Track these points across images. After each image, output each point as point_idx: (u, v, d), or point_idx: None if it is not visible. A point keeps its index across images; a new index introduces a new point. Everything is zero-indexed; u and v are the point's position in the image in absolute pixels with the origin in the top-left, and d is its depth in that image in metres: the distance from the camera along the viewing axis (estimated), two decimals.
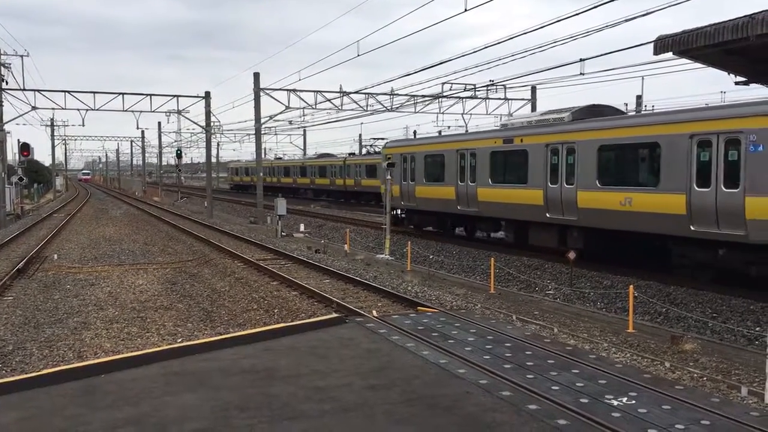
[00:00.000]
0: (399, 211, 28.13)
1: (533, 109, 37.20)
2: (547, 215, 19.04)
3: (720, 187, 13.94)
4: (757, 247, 13.47)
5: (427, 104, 36.80)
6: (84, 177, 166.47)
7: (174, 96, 37.49)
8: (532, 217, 19.84)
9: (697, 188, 14.31)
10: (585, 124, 18.17)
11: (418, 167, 25.87)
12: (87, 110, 35.69)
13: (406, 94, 35.69)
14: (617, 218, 16.53)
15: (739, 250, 13.95)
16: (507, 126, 22.42)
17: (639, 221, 15.86)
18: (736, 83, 14.48)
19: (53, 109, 65.32)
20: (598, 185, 17.25)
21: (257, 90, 34.81)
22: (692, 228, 14.26)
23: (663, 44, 11.64)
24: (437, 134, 32.03)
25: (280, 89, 34.65)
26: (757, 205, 13.26)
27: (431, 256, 21.22)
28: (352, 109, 36.57)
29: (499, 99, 36.37)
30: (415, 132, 53.30)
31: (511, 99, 36.68)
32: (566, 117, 19.47)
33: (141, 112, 37.68)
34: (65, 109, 36.02)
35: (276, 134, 68.74)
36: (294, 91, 34.36)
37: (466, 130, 33.10)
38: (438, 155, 24.80)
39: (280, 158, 77.93)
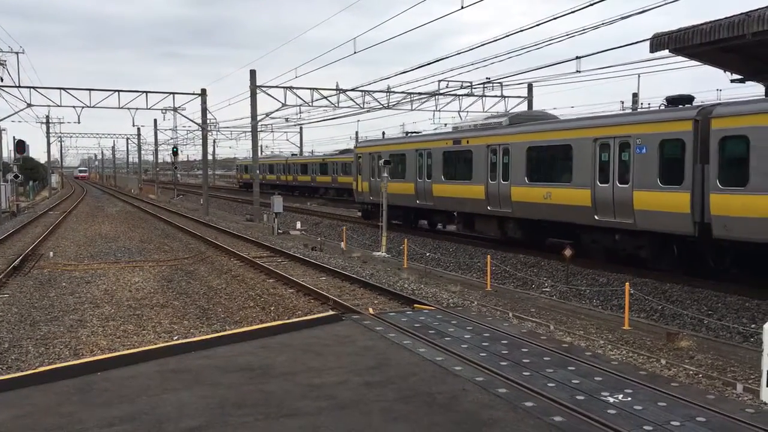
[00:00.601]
0: (371, 206, 30.06)
1: (530, 106, 37.26)
2: (488, 208, 21.91)
3: (615, 182, 16.67)
4: (642, 233, 16.10)
5: (424, 102, 36.81)
6: (81, 174, 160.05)
7: (170, 93, 37.46)
8: (476, 209, 22.84)
9: (599, 184, 17.03)
10: (518, 128, 20.98)
11: (378, 166, 27.28)
12: (83, 107, 35.65)
13: (402, 92, 35.69)
14: (542, 210, 19.41)
15: (629, 235, 16.68)
16: (457, 128, 25.46)
17: (558, 212, 18.66)
18: (732, 81, 14.53)
19: (49, 106, 65.09)
20: (527, 181, 20.01)
21: (253, 87, 34.76)
22: (596, 218, 17.05)
23: (659, 42, 11.67)
24: (403, 135, 33.83)
25: (276, 86, 34.61)
26: (641, 198, 15.91)
27: (428, 254, 21.22)
28: (348, 107, 36.57)
29: (496, 96, 36.38)
30: (383, 133, 54.38)
31: (508, 96, 36.70)
32: (504, 121, 22.17)
33: (137, 109, 37.64)
34: (61, 106, 35.91)
35: (272, 132, 68.63)
36: (290, 88, 34.31)
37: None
38: (401, 154, 27.47)
39: (295, 154, 74.77)
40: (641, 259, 16.60)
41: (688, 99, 16.17)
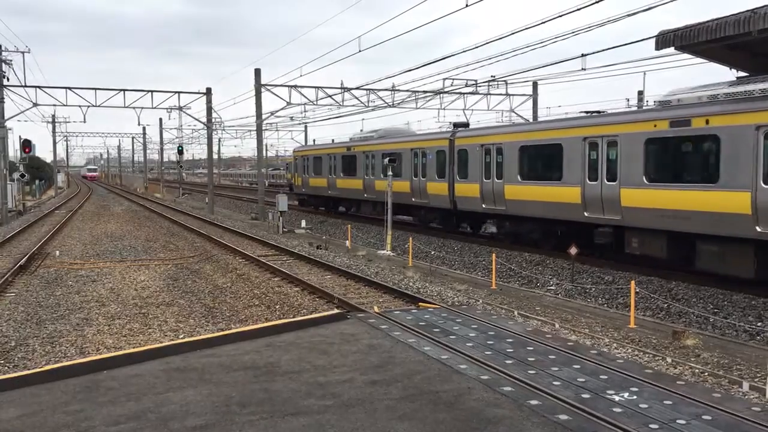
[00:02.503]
0: (304, 196, 40.97)
1: (534, 104, 37.29)
2: (365, 195, 31.23)
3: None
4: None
5: (429, 100, 36.76)
6: (90, 174, 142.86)
7: (175, 92, 37.53)
8: (359, 197, 32.02)
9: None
10: (378, 140, 31.06)
11: (332, 165, 35.34)
12: (88, 107, 35.72)
13: (407, 90, 35.66)
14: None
15: (428, 210, 22.11)
16: (351, 139, 35.26)
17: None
18: (738, 78, 14.46)
19: (54, 105, 65.18)
20: (382, 177, 27.59)
21: (258, 86, 34.78)
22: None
23: (665, 39, 11.63)
24: (330, 142, 42.04)
25: (281, 85, 34.64)
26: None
27: (433, 252, 21.22)
28: (353, 105, 36.52)
29: (501, 94, 36.33)
30: (314, 140, 58.22)
31: (513, 94, 36.64)
32: (375, 135, 32.15)
33: (142, 108, 37.68)
34: (66, 105, 35.98)
35: (277, 130, 68.52)
36: (295, 87, 34.33)
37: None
38: (320, 157, 36.99)
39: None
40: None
41: (465, 124, 26.38)
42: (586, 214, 17.57)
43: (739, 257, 13.59)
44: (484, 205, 22.07)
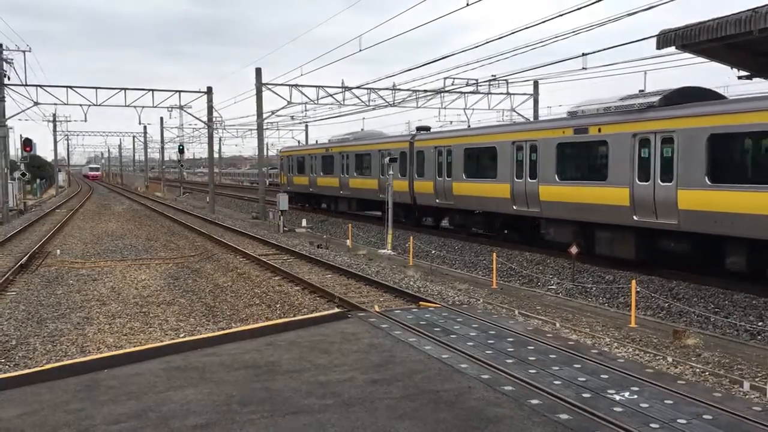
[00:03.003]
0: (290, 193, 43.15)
1: (535, 104, 37.33)
2: (341, 192, 34.07)
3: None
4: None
5: (429, 99, 36.74)
6: (92, 173, 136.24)
7: (176, 91, 37.52)
8: (335, 194, 34.92)
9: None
10: (339, 144, 35.33)
11: (313, 165, 38.09)
12: (89, 106, 35.74)
13: (408, 89, 35.63)
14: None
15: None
16: (329, 141, 38.57)
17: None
18: (740, 77, 14.45)
19: (55, 104, 65.16)
20: (355, 175, 31.63)
21: (259, 85, 34.78)
22: (634, 218, 16.30)
23: (666, 38, 11.62)
24: (315, 143, 46.05)
25: (282, 84, 34.62)
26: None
27: (433, 251, 21.22)
28: (353, 104, 36.50)
29: (502, 94, 36.31)
30: (298, 141, 61.87)
31: (514, 94, 36.63)
32: (351, 137, 35.65)
33: (143, 107, 37.67)
34: (67, 104, 35.94)
35: (278, 129, 68.50)
36: (296, 86, 34.32)
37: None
38: (303, 157, 39.81)
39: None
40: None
41: (427, 128, 28.81)
42: (514, 207, 20.49)
43: (623, 242, 16.74)
44: (437, 200, 25.06)
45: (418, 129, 29.11)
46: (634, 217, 15.95)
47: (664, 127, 15.27)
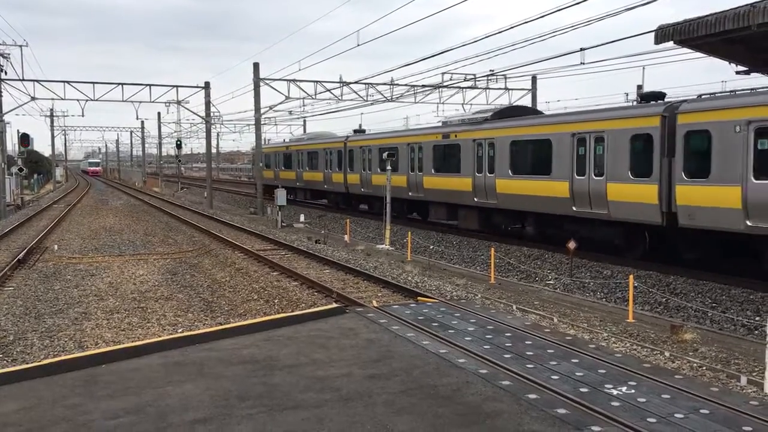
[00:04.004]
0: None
1: (533, 98, 37.28)
2: (297, 184, 40.06)
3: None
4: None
5: (428, 94, 36.72)
6: (92, 168, 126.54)
7: (173, 86, 37.41)
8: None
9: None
10: (298, 143, 41.58)
11: (277, 161, 44.41)
12: (86, 101, 35.64)
13: (406, 84, 35.60)
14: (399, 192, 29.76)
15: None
16: (300, 140, 43.52)
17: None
18: (737, 73, 14.44)
19: (53, 99, 65.25)
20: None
21: (257, 80, 34.72)
22: (475, 199, 22.60)
23: (663, 33, 11.59)
24: (282, 141, 50.54)
25: (279, 79, 34.58)
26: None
27: (431, 247, 21.23)
28: (351, 100, 36.51)
29: (500, 89, 36.29)
30: (284, 139, 62.27)
31: (512, 89, 36.60)
32: (305, 137, 42.05)
33: (140, 102, 37.67)
34: (65, 99, 35.94)
35: (276, 124, 68.44)
36: (294, 81, 34.28)
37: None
38: (268, 155, 45.37)
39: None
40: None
41: (362, 131, 33.14)
42: (410, 194, 26.95)
43: (470, 217, 23.48)
44: (362, 189, 31.26)
45: (355, 131, 35.48)
46: (475, 199, 22.59)
47: (489, 136, 21.88)
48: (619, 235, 17.63)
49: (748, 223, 13.46)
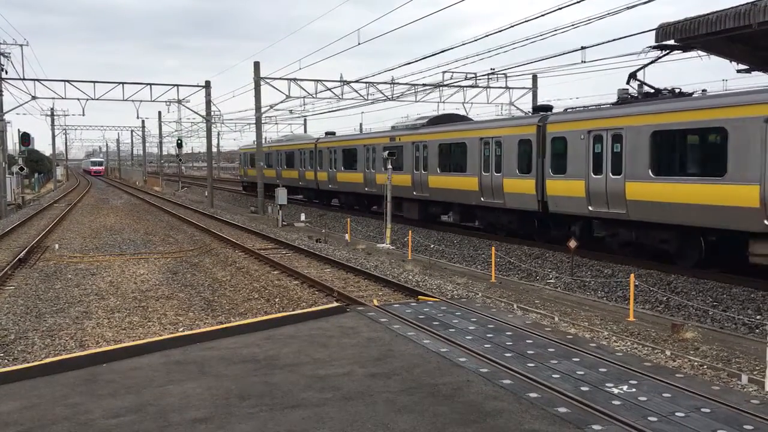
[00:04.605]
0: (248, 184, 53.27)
1: (534, 97, 37.27)
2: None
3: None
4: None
5: (428, 93, 36.67)
6: (95, 168, 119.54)
7: (174, 85, 37.39)
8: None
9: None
10: (285, 143, 45.34)
11: (247, 159, 49.88)
12: (87, 100, 35.60)
13: (406, 83, 35.57)
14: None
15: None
16: (282, 140, 48.26)
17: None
18: (738, 71, 14.44)
19: (53, 98, 65.25)
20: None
21: (257, 79, 34.71)
22: (414, 193, 26.80)
23: (664, 32, 11.59)
24: (278, 140, 52.94)
25: (280, 78, 34.55)
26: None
27: (432, 246, 21.23)
28: (352, 98, 36.47)
29: (501, 87, 36.25)
30: (275, 138, 64.39)
31: (512, 87, 36.57)
32: (285, 139, 46.88)
33: (141, 101, 37.63)
34: (65, 98, 35.93)
35: (276, 123, 68.38)
36: (294, 80, 34.25)
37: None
38: (252, 155, 46.69)
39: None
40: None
41: (332, 133, 35.74)
42: (366, 189, 30.91)
43: (411, 208, 27.42)
44: (330, 186, 35.69)
45: (326, 134, 39.54)
46: (414, 193, 26.56)
47: (424, 139, 26.03)
48: (515, 220, 21.56)
49: (590, 208, 17.66)
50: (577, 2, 16.96)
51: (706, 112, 14.47)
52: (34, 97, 35.05)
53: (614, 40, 23.09)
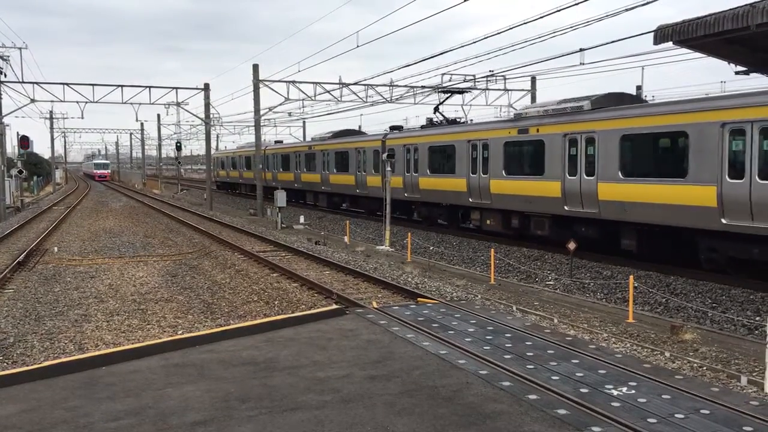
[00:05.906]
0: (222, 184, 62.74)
1: (533, 99, 37.27)
2: (295, 185, 41.76)
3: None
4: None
5: (427, 95, 36.70)
6: (99, 171, 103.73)
7: (173, 88, 37.43)
8: (251, 183, 47.67)
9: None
10: (276, 147, 47.58)
11: (224, 162, 58.14)
12: (86, 103, 35.66)
13: (405, 86, 35.60)
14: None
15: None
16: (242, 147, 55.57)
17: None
18: (737, 73, 14.45)
19: (52, 101, 64.93)
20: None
21: (256, 82, 34.74)
22: (405, 195, 27.50)
23: (663, 34, 11.60)
24: (235, 147, 61.26)
25: (279, 81, 34.60)
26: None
27: (431, 247, 21.23)
28: (351, 101, 36.49)
29: (499, 90, 36.29)
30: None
31: (511, 90, 36.61)
32: (247, 146, 51.56)
33: (140, 104, 37.69)
34: (64, 101, 35.94)
35: (275, 126, 68.43)
36: (293, 82, 34.29)
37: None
38: (226, 158, 58.30)
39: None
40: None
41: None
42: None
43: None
44: (296, 185, 40.43)
45: (275, 142, 47.87)
46: (405, 194, 27.11)
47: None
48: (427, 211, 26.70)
49: (404, 195, 25.82)
50: (576, 4, 16.98)
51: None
52: (33, 100, 35.07)
53: (613, 42, 23.14)
